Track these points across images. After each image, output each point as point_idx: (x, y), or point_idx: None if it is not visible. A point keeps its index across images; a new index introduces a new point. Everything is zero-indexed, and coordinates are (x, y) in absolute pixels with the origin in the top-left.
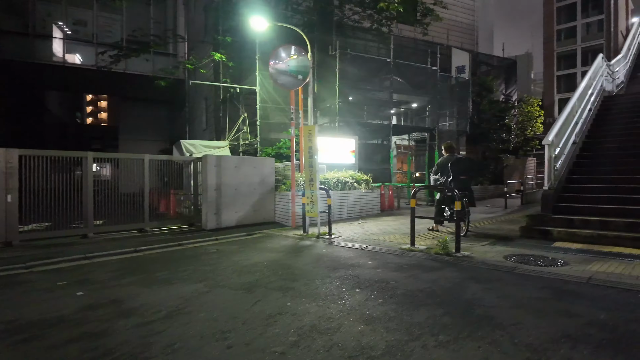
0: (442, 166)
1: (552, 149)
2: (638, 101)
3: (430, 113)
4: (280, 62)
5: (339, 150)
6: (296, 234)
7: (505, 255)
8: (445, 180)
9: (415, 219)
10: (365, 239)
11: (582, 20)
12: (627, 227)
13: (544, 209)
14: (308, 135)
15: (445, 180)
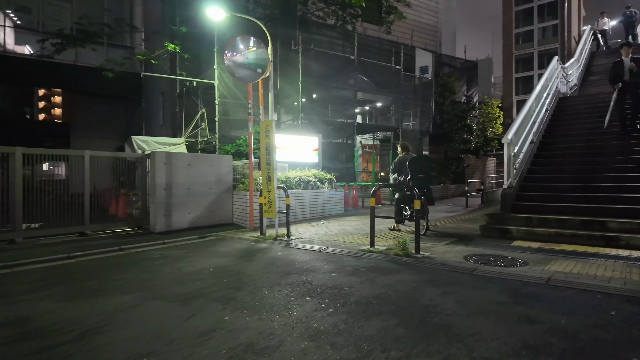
0: (399, 165)
1: (511, 147)
2: (590, 103)
3: (394, 112)
4: (238, 54)
5: (302, 148)
6: (253, 236)
7: (465, 256)
8: (404, 179)
9: (377, 218)
10: (325, 240)
11: (539, 25)
12: (583, 225)
13: (503, 208)
14: (265, 131)
15: (404, 179)
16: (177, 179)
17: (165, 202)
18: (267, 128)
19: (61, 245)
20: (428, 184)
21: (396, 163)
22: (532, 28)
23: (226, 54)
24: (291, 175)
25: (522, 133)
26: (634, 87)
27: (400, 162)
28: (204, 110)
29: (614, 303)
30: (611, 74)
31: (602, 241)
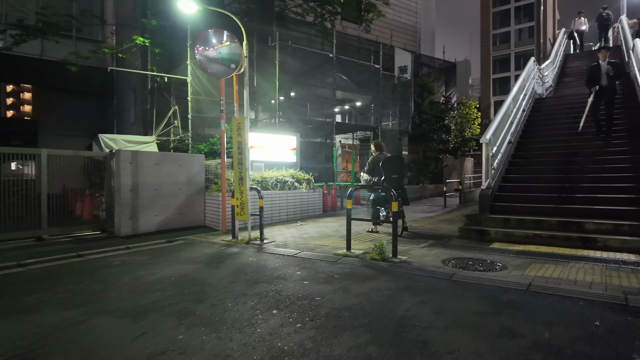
0: (373, 165)
1: (489, 147)
2: (566, 104)
3: (373, 112)
4: (211, 48)
5: (279, 147)
6: (224, 240)
7: (444, 259)
8: (378, 180)
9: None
10: (300, 243)
11: (515, 27)
12: (560, 226)
13: (481, 209)
14: (237, 129)
15: (377, 179)
16: (144, 179)
17: (131, 204)
18: (240, 126)
19: (13, 252)
20: (402, 184)
21: (370, 163)
22: (509, 30)
23: (198, 48)
24: (267, 175)
25: (500, 133)
26: (610, 92)
27: (375, 162)
28: (177, 107)
29: (597, 311)
30: (588, 76)
31: (580, 242)
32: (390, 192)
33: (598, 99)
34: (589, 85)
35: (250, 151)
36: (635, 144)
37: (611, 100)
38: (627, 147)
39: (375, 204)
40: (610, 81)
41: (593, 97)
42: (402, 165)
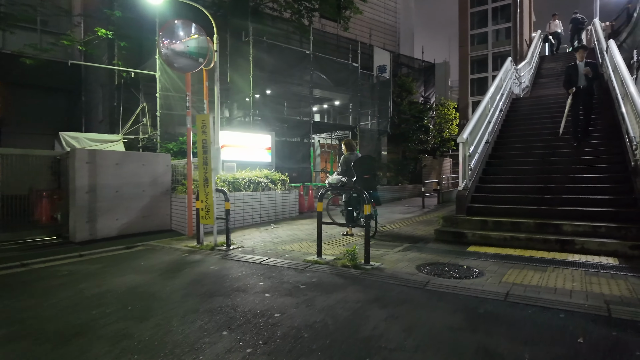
0: (346, 165)
1: (466, 147)
2: (543, 104)
3: (352, 111)
4: (178, 41)
5: (253, 147)
6: (188, 246)
7: (418, 265)
8: (349, 180)
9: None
10: (269, 249)
11: (493, 27)
12: (538, 228)
13: (458, 210)
14: (202, 127)
15: (348, 180)
16: (104, 180)
17: (89, 207)
18: (204, 123)
19: None
20: (374, 184)
21: (342, 164)
22: (487, 30)
23: (163, 41)
24: (240, 175)
25: (477, 133)
26: (588, 94)
27: (346, 162)
28: (145, 104)
29: (579, 324)
30: (565, 78)
31: (558, 245)
32: (362, 194)
33: (576, 101)
34: (566, 87)
35: (222, 151)
36: (610, 145)
37: (589, 102)
38: (603, 148)
39: (349, 206)
40: (588, 83)
41: (571, 99)
42: (373, 165)
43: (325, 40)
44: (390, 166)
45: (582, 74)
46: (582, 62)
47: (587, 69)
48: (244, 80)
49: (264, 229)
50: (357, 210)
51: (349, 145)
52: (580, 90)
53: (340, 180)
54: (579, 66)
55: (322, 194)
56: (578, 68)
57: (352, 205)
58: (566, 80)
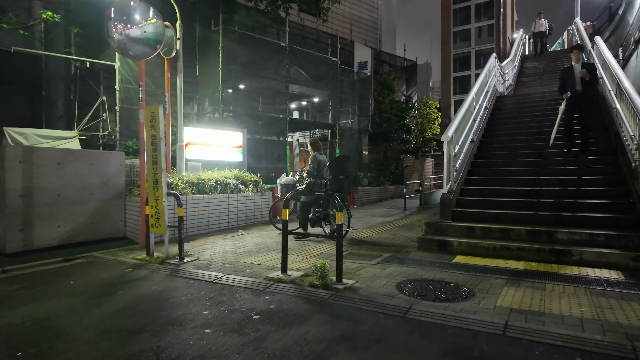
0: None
1: (451, 146)
2: (529, 102)
3: (331, 108)
4: (134, 26)
5: (222, 145)
6: (135, 259)
7: (399, 283)
8: (316, 182)
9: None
10: (229, 262)
11: (476, 24)
12: (529, 236)
13: (442, 215)
14: (150, 120)
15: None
16: (42, 182)
17: (23, 213)
18: (153, 116)
19: None
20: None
21: (312, 163)
22: (470, 27)
23: (116, 25)
24: (205, 176)
25: (462, 131)
26: (586, 101)
27: (318, 162)
28: (105, 98)
29: None
30: (560, 82)
31: (553, 256)
32: (335, 199)
33: (571, 108)
34: (561, 91)
35: (187, 149)
36: (601, 146)
37: (587, 109)
38: (596, 148)
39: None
40: (585, 87)
41: (565, 105)
42: (347, 165)
43: (305, 35)
44: (372, 166)
45: (579, 77)
46: (578, 63)
47: (584, 71)
48: (214, 73)
49: (230, 236)
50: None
51: (315, 145)
52: (576, 95)
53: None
54: (574, 68)
55: (289, 199)
56: (573, 70)
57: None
58: (561, 84)
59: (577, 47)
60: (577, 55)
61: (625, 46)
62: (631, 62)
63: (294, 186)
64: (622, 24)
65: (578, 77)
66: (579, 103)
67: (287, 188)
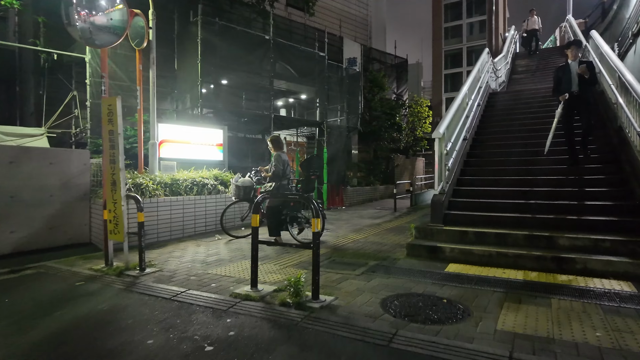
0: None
1: (443, 143)
2: (522, 98)
3: (319, 105)
4: (99, 13)
5: (201, 143)
6: (92, 269)
7: (385, 299)
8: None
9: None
10: (196, 273)
11: (467, 20)
12: (527, 241)
13: (434, 218)
14: (107, 113)
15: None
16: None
17: None
18: (111, 109)
19: None
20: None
21: (277, 164)
22: (461, 23)
23: (79, 12)
24: (180, 177)
25: (454, 128)
26: (585, 102)
27: (283, 162)
28: (76, 93)
29: None
30: (555, 82)
31: (554, 264)
32: (312, 204)
33: (569, 111)
34: (556, 94)
35: (162, 147)
36: (601, 141)
37: (588, 112)
38: (595, 145)
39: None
40: (583, 87)
41: (562, 108)
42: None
43: (292, 30)
44: (361, 166)
45: (576, 77)
46: (575, 61)
47: (583, 67)
48: (194, 67)
49: (205, 241)
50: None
51: (277, 143)
52: (573, 97)
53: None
54: (571, 67)
55: (259, 203)
56: (570, 69)
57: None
58: (556, 85)
59: (574, 43)
60: (574, 52)
61: (622, 41)
62: (629, 56)
63: (252, 188)
64: (617, 19)
65: (575, 77)
66: (577, 105)
67: (244, 190)
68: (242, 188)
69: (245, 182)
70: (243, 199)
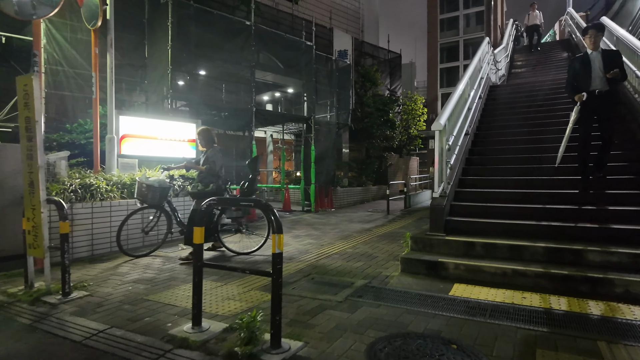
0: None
1: (444, 137)
2: (524, 91)
3: (307, 99)
4: None
5: (170, 138)
6: (7, 292)
7: (372, 345)
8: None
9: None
10: (132, 300)
11: (464, 11)
12: (549, 255)
13: (433, 226)
14: (23, 96)
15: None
16: None
17: None
18: (26, 90)
19: None
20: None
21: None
22: (458, 14)
23: None
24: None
25: (456, 120)
26: (608, 105)
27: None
28: None
29: None
30: (570, 77)
31: (586, 287)
32: (270, 213)
33: (588, 115)
34: (571, 92)
35: (124, 143)
36: (623, 136)
37: (610, 118)
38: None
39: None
40: (608, 84)
41: (578, 112)
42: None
43: (279, 21)
44: (353, 165)
45: (599, 71)
46: (598, 51)
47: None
48: (165, 55)
49: (165, 252)
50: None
51: (207, 136)
52: (594, 97)
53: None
54: (591, 58)
55: (203, 216)
56: (590, 61)
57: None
58: (570, 80)
59: (593, 27)
60: (595, 39)
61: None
62: None
63: (166, 189)
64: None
65: (598, 71)
66: (599, 108)
67: (154, 192)
68: (152, 189)
69: (156, 182)
70: (155, 203)
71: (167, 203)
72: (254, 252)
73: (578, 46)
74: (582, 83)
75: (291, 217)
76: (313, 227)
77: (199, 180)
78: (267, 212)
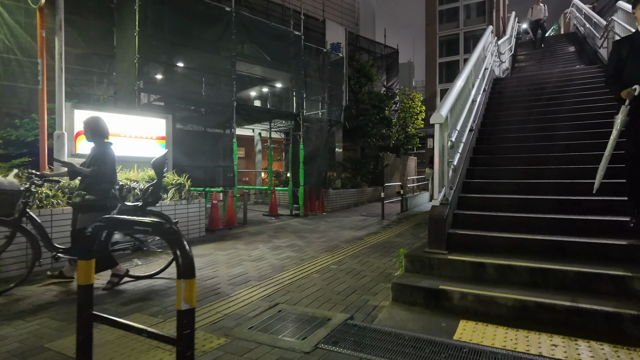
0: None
1: (445, 132)
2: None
3: (295, 94)
4: None
5: (134, 135)
6: None
7: None
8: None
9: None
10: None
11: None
12: (580, 282)
13: (433, 242)
14: None
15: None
16: None
17: None
18: None
19: None
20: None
21: (108, 162)
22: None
23: None
24: None
25: (459, 114)
26: None
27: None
28: None
29: None
30: (612, 66)
31: (637, 329)
32: (175, 242)
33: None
34: (614, 86)
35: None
36: None
37: None
38: None
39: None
40: None
41: (627, 113)
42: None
43: (269, 12)
44: (347, 165)
45: None
46: None
47: None
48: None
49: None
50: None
51: (96, 127)
52: None
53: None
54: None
55: (90, 244)
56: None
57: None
58: (612, 70)
59: None
60: None
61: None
62: None
63: (18, 194)
64: None
65: None
66: None
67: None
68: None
69: (12, 183)
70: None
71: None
72: (158, 274)
73: (586, 38)
74: (632, 73)
75: (276, 222)
76: (298, 235)
77: (82, 187)
78: (172, 242)
